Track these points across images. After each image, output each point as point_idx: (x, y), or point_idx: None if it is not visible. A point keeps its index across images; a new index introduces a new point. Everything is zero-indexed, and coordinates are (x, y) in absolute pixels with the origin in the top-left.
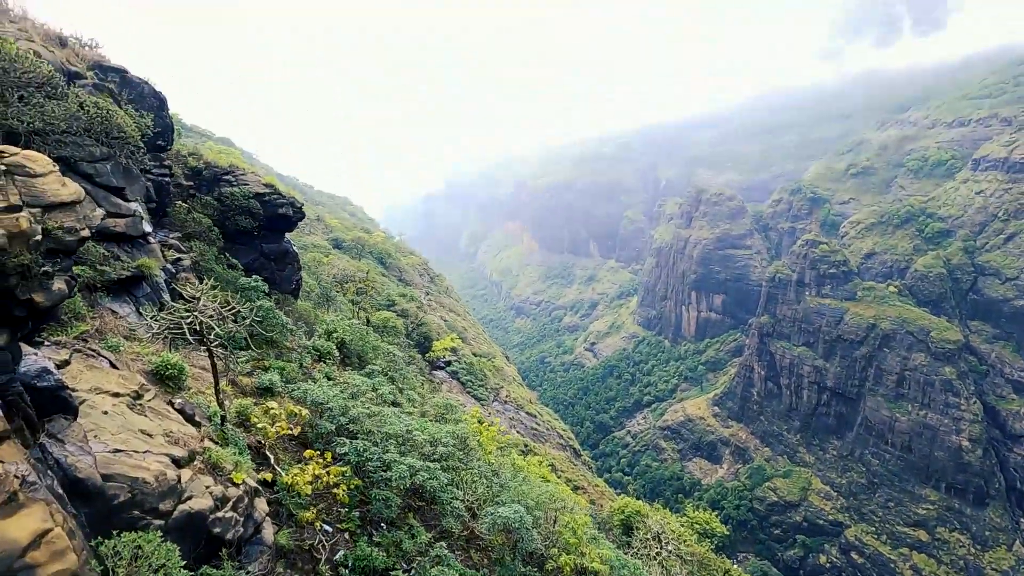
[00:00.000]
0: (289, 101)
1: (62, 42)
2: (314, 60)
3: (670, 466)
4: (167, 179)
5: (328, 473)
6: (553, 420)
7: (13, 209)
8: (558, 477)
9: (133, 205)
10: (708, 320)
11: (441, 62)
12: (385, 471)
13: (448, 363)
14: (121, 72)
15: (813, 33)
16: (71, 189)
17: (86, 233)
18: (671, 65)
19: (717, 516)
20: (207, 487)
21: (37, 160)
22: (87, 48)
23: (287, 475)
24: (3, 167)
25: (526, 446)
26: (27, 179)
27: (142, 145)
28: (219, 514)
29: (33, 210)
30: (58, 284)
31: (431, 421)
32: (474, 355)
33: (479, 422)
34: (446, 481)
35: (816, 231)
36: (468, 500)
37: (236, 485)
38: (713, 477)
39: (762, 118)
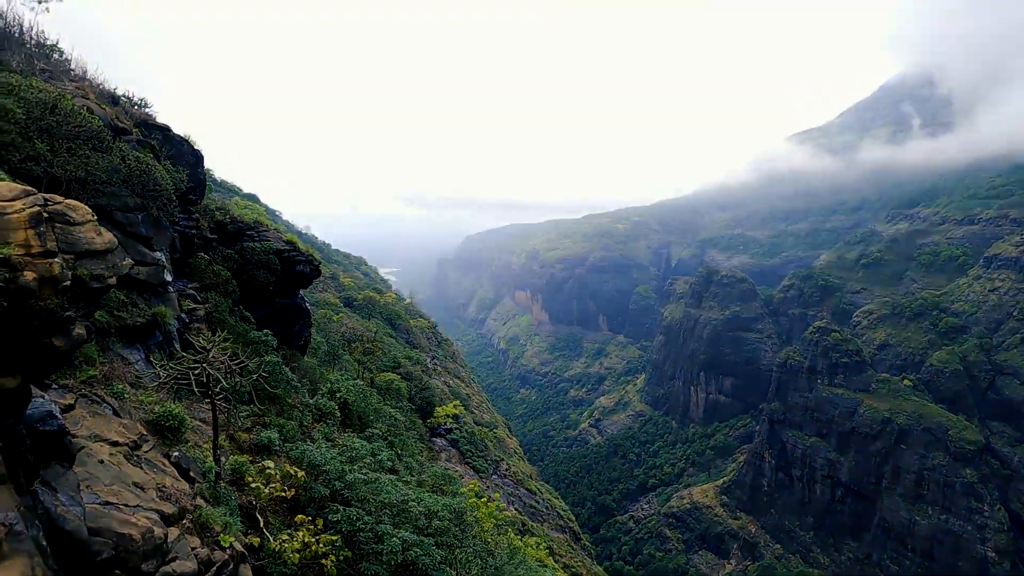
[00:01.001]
0: (314, 162)
1: (114, 100)
2: (349, 128)
3: (675, 558)
4: (193, 231)
5: (318, 542)
6: (553, 499)
7: (48, 254)
8: (555, 562)
9: (158, 254)
10: (717, 402)
11: (465, 131)
12: (377, 543)
13: (449, 431)
14: (164, 130)
15: (824, 123)
16: (105, 238)
17: (113, 281)
18: (684, 140)
19: None
20: (193, 548)
21: (78, 209)
22: (136, 107)
23: (275, 541)
24: (46, 214)
25: (524, 525)
26: (66, 226)
27: (175, 199)
28: None
29: (67, 256)
30: (78, 329)
31: (428, 491)
32: (476, 424)
33: (477, 496)
34: (439, 559)
35: (828, 319)
36: None
37: (223, 549)
38: (720, 573)
39: (774, 205)
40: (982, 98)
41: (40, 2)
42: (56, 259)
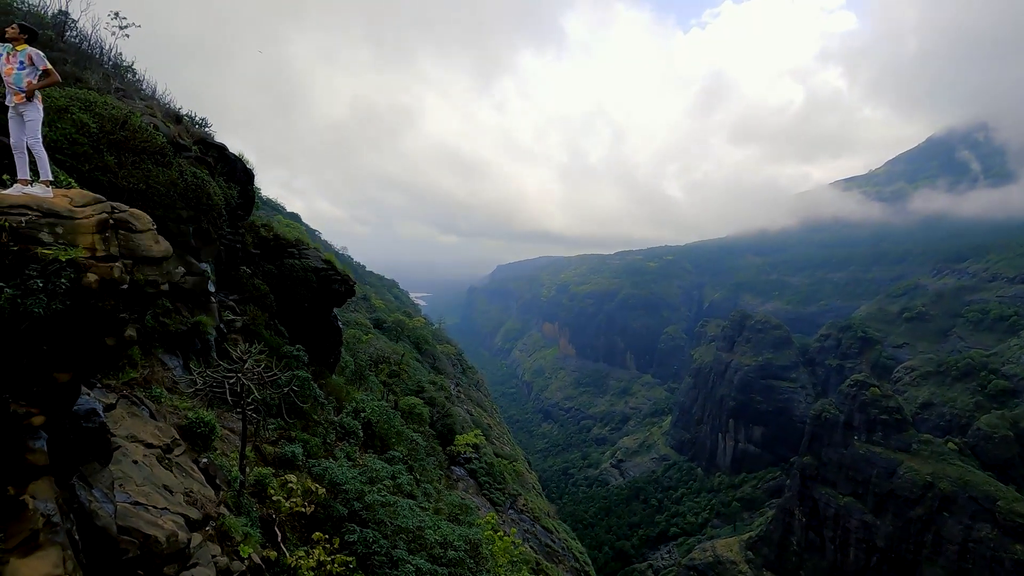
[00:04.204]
0: (354, 183)
1: (177, 119)
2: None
3: None
4: (238, 245)
5: (333, 561)
6: (570, 539)
7: (110, 258)
8: None
9: (204, 265)
10: (746, 452)
11: (505, 163)
12: (391, 568)
13: (468, 460)
14: (221, 148)
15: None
16: (162, 247)
17: (165, 287)
18: (721, 183)
19: None
20: (213, 556)
21: (140, 218)
22: (197, 126)
23: (291, 557)
24: (111, 221)
25: (538, 564)
26: (128, 233)
27: (225, 213)
28: None
29: (126, 261)
30: (129, 331)
31: (444, 520)
32: (496, 455)
33: (493, 529)
34: None
35: (867, 372)
36: None
37: (241, 559)
38: None
39: (812, 252)
40: None
41: (121, 27)
42: (117, 263)
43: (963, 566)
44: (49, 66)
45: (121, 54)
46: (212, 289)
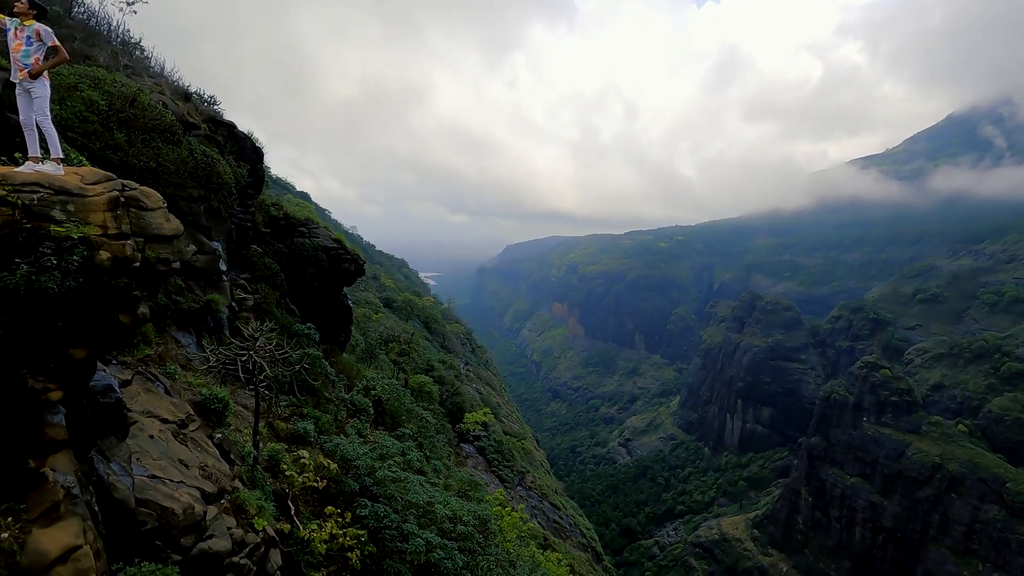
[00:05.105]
0: (363, 162)
1: (186, 97)
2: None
3: None
4: (249, 224)
5: (345, 534)
6: (577, 516)
7: (122, 236)
8: None
9: (215, 244)
10: (754, 432)
11: (514, 142)
12: (401, 542)
13: (477, 437)
14: (230, 126)
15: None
16: (173, 225)
17: (177, 265)
18: (735, 162)
19: None
20: (228, 528)
21: (151, 196)
22: (206, 104)
23: (305, 530)
24: (122, 199)
25: (546, 539)
26: (139, 211)
27: (235, 192)
28: (234, 559)
29: (137, 239)
30: (143, 308)
31: (454, 495)
32: (505, 433)
33: (501, 505)
34: (461, 564)
35: (878, 354)
36: None
37: (256, 532)
38: None
39: (826, 233)
40: None
41: (128, 3)
42: (129, 241)
43: (969, 546)
44: (57, 43)
45: (129, 31)
46: (223, 268)
